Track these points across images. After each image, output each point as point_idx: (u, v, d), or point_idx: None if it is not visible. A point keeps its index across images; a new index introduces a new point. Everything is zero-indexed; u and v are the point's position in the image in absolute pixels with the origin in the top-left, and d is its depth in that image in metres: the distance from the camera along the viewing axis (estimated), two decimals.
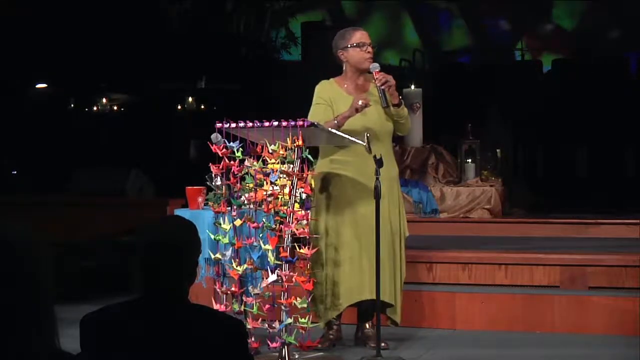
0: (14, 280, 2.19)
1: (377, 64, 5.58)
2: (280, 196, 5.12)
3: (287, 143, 5.10)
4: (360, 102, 5.43)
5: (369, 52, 5.61)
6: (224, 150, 5.27)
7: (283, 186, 5.12)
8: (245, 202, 5.27)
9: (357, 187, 5.51)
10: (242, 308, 5.28)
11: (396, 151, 9.67)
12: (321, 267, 5.50)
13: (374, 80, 5.56)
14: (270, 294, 5.20)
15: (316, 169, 5.47)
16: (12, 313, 2.17)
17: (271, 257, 5.11)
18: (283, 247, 5.08)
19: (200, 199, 5.61)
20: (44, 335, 2.19)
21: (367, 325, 5.73)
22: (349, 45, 5.62)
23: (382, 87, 5.50)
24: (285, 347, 5.11)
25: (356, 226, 5.52)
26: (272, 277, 5.11)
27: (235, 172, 5.28)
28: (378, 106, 5.56)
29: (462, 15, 16.50)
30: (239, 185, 5.30)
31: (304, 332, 5.13)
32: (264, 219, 5.18)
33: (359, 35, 5.65)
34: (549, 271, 6.58)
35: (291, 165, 5.11)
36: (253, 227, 5.21)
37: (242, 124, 5.22)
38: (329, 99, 5.61)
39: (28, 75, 13.00)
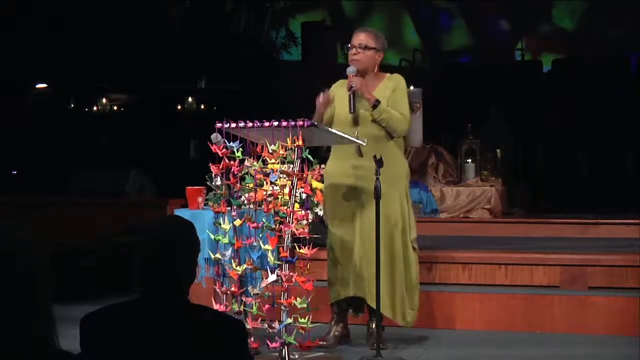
0: (13, 280, 2.19)
1: (351, 68, 5.59)
2: (280, 196, 5.12)
3: (287, 143, 5.10)
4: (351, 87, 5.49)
5: (352, 53, 5.66)
6: (224, 150, 5.27)
7: (283, 186, 5.11)
8: (245, 202, 5.26)
9: (355, 188, 5.55)
10: (242, 308, 5.28)
11: None
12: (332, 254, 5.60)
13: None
14: (270, 294, 5.20)
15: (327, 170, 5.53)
16: (11, 313, 2.17)
17: (271, 257, 5.11)
18: (283, 247, 5.08)
19: (200, 199, 5.61)
20: (43, 335, 2.19)
21: (372, 325, 5.73)
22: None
23: (349, 92, 5.52)
24: (285, 347, 5.11)
25: (355, 226, 5.56)
26: (272, 277, 5.11)
27: (235, 172, 5.28)
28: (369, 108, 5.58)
29: (462, 15, 16.50)
30: (239, 185, 5.30)
31: (303, 332, 5.13)
32: (264, 219, 5.18)
33: (352, 39, 5.71)
34: (549, 271, 6.58)
35: (291, 165, 5.11)
36: (253, 227, 5.21)
37: (242, 124, 5.22)
38: (332, 98, 5.68)
39: (28, 75, 12.99)
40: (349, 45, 5.67)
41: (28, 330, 2.17)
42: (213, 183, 5.34)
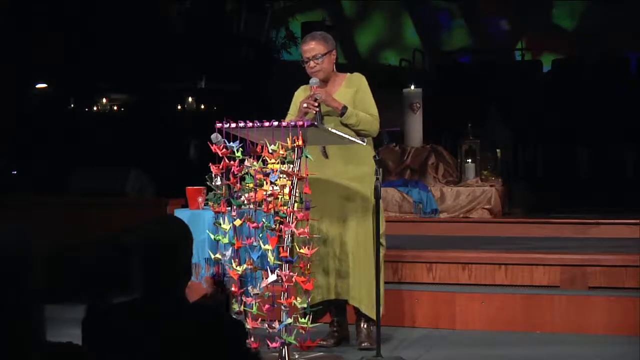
0: (12, 278, 2.19)
1: (314, 80, 5.55)
2: (280, 196, 5.12)
3: (287, 143, 5.10)
4: (304, 105, 5.46)
5: (311, 67, 5.62)
6: (224, 150, 5.27)
7: (283, 186, 5.11)
8: (245, 202, 5.26)
9: (318, 186, 5.52)
10: (242, 308, 5.28)
11: (396, 151, 9.72)
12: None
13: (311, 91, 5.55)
14: (270, 294, 5.20)
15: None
16: (10, 312, 2.17)
17: (271, 257, 5.11)
18: (283, 247, 5.08)
19: (200, 199, 5.60)
20: (33, 329, 2.19)
21: (363, 325, 5.72)
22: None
23: (308, 106, 5.48)
24: (285, 347, 5.11)
25: (322, 226, 5.56)
26: (272, 277, 5.11)
27: (235, 172, 5.28)
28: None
29: (462, 15, 16.51)
30: (239, 185, 5.29)
31: (304, 332, 5.13)
32: (263, 219, 5.18)
33: (303, 51, 5.68)
34: (549, 271, 6.58)
35: (291, 165, 5.11)
36: (253, 227, 5.21)
37: (242, 124, 5.21)
38: (296, 106, 5.67)
39: (28, 75, 12.99)
40: (304, 59, 5.62)
41: (22, 329, 2.17)
42: (213, 183, 5.34)
